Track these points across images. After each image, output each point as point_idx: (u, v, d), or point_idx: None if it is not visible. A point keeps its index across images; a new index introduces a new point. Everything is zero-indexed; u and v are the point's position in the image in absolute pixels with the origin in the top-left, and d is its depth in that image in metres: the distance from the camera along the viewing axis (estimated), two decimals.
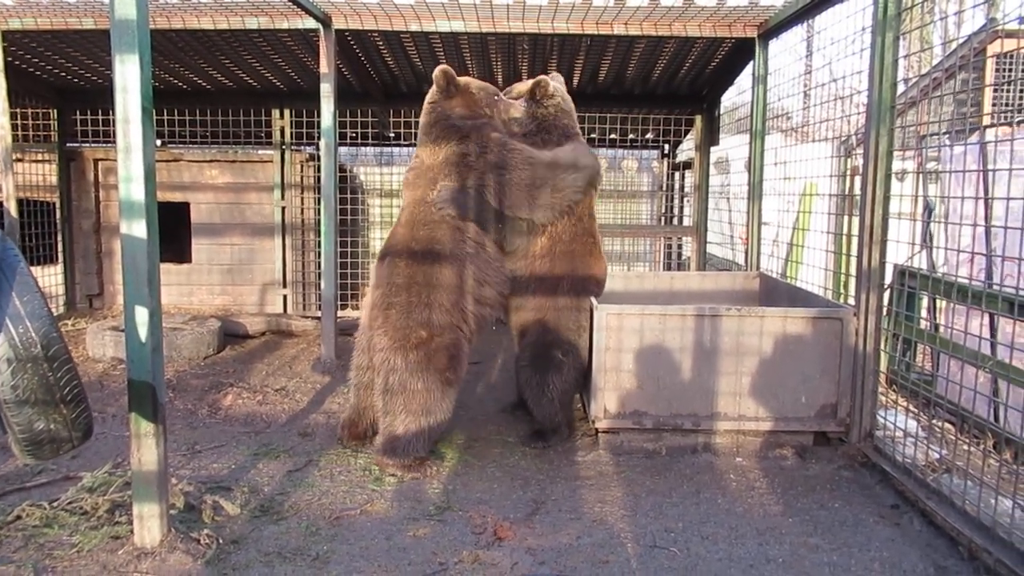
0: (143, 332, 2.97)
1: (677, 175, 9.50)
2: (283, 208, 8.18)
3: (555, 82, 4.79)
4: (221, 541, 3.19)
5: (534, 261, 4.53)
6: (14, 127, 7.88)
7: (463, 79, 4.59)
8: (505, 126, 4.58)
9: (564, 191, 4.44)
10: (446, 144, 4.36)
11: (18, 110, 7.90)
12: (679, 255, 9.46)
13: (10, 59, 7.31)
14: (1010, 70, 9.83)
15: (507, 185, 4.31)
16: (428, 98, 4.55)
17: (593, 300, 4.45)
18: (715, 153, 8.65)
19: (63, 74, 7.91)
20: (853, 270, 4.37)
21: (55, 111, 8.17)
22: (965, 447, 3.96)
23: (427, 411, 4.06)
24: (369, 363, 4.27)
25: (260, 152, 8.48)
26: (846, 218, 5.53)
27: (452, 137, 4.36)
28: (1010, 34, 8.05)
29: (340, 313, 6.92)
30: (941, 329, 4.90)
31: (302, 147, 8.53)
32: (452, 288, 4.18)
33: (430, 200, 4.28)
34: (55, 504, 3.44)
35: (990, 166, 4.55)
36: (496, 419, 5.03)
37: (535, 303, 4.52)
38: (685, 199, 9.49)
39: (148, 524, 3.08)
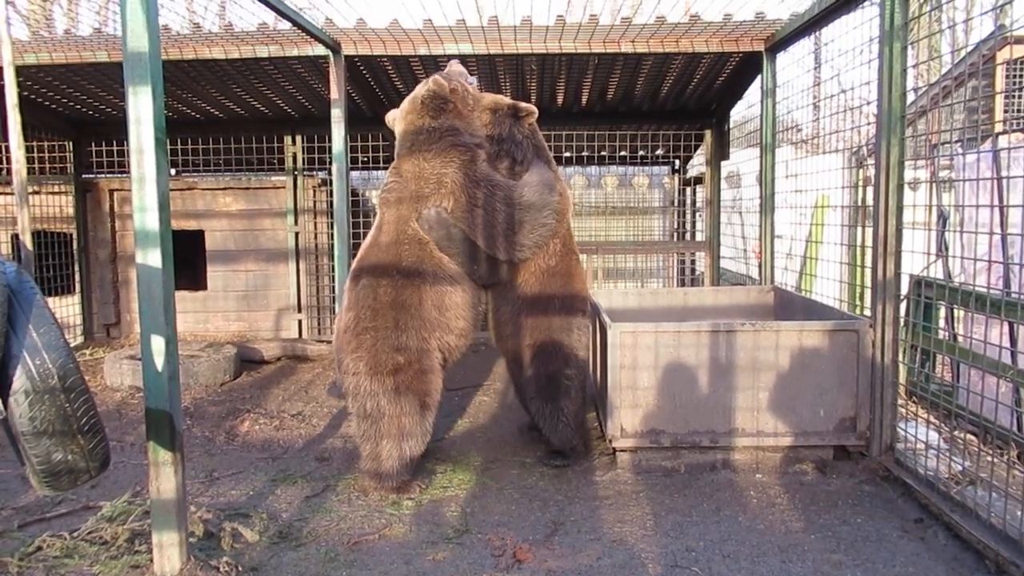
0: (160, 360, 2.99)
1: (688, 190, 9.50)
2: (296, 233, 8.23)
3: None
4: (240, 568, 3.18)
5: (520, 287, 4.43)
6: (31, 160, 8.01)
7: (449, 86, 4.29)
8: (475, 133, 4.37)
9: (540, 230, 4.34)
10: (438, 160, 4.19)
11: (34, 143, 8.03)
12: (692, 270, 9.43)
13: (25, 93, 7.43)
14: (1020, 76, 9.78)
15: (489, 226, 4.20)
16: (410, 108, 4.32)
17: (606, 318, 4.43)
18: (726, 167, 8.65)
19: (78, 107, 8.03)
20: (868, 281, 4.33)
21: (71, 143, 8.29)
22: (989, 458, 3.90)
23: (406, 435, 4.06)
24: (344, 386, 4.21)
25: (273, 178, 8.55)
26: (860, 229, 5.49)
27: (451, 155, 4.20)
28: (1019, 40, 8.03)
29: None
30: (960, 339, 4.85)
31: (314, 172, 8.60)
32: (427, 314, 4.11)
33: (413, 221, 4.15)
34: (75, 534, 3.45)
35: (1004, 173, 4.52)
36: (513, 440, 5.01)
37: (526, 328, 4.43)
38: (697, 214, 9.47)
39: (168, 552, 3.08)
